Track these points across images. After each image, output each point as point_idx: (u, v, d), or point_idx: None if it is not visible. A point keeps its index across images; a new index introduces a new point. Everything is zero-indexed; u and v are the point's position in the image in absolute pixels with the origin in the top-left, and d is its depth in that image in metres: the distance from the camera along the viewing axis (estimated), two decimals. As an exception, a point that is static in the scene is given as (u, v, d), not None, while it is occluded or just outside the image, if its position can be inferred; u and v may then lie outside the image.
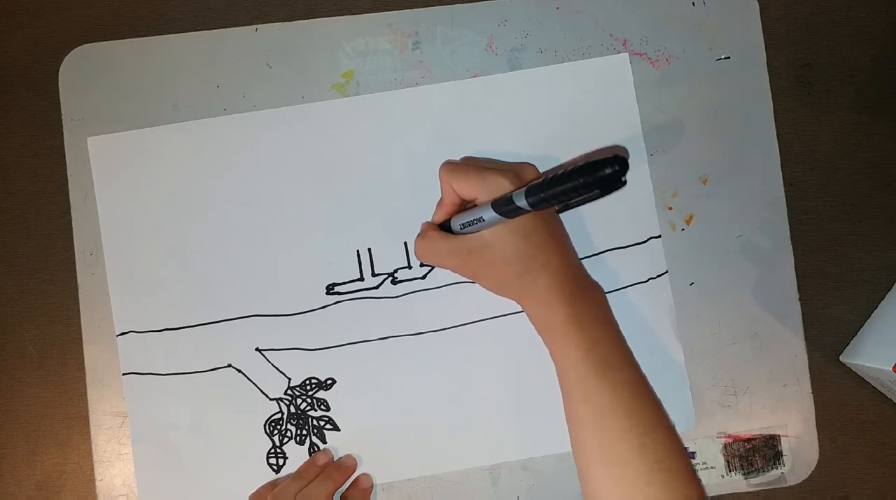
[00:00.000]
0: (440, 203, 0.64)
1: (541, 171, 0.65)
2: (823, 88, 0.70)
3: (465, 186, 0.61)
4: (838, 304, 0.69)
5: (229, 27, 0.68)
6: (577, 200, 0.54)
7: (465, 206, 0.63)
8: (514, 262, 0.59)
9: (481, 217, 0.59)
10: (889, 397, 0.68)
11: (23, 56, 0.69)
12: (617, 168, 0.50)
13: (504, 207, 0.57)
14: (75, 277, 0.68)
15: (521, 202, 0.55)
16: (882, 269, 0.69)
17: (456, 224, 0.62)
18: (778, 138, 0.69)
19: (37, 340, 0.68)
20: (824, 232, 0.69)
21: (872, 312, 0.69)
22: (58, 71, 0.68)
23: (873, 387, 0.68)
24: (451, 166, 0.63)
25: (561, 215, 0.64)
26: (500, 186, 0.59)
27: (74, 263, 0.68)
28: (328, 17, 0.69)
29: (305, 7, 0.69)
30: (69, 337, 0.68)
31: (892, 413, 0.69)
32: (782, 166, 0.69)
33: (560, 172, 0.53)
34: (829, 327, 0.69)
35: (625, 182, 0.51)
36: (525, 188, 0.55)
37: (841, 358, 0.68)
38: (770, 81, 0.69)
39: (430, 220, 0.66)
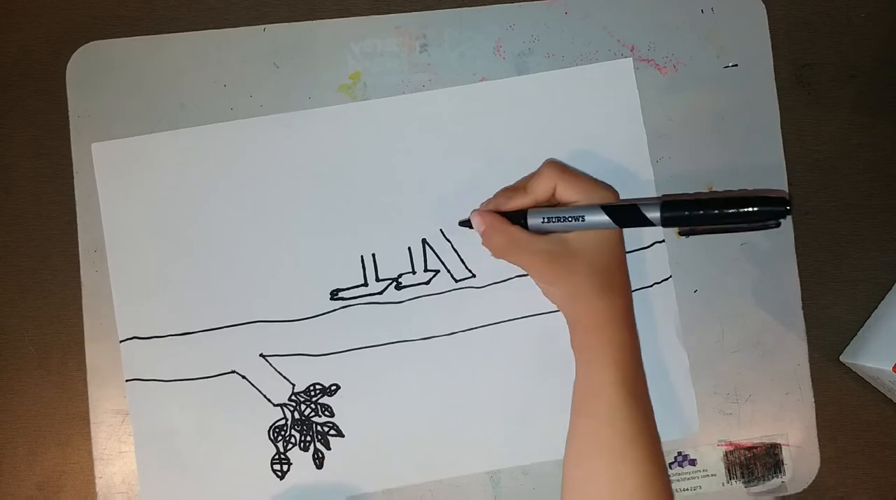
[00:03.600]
0: (521, 191, 0.62)
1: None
2: (823, 88, 0.69)
3: (571, 189, 0.60)
4: (838, 304, 0.69)
5: (234, 27, 0.68)
6: (714, 226, 0.55)
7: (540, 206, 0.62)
8: (596, 275, 0.58)
9: (582, 216, 0.58)
10: (889, 397, 0.68)
11: (24, 56, 0.68)
12: (788, 208, 0.52)
13: (625, 213, 0.57)
14: (76, 277, 0.67)
15: (653, 215, 0.55)
16: (882, 269, 0.69)
17: (539, 217, 0.60)
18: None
19: (37, 340, 0.68)
20: (824, 232, 0.69)
21: (872, 312, 0.69)
22: (60, 71, 0.67)
23: (873, 387, 0.68)
24: (561, 166, 0.62)
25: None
26: (606, 199, 0.59)
27: (76, 263, 0.67)
28: (332, 18, 0.68)
29: (306, 7, 0.68)
30: (69, 337, 0.67)
31: (892, 413, 0.69)
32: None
33: (709, 197, 0.54)
34: (829, 327, 0.69)
35: (779, 224, 0.53)
36: (660, 203, 0.55)
37: (841, 358, 0.68)
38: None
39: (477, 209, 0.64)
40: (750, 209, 0.53)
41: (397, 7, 0.68)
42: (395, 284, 0.67)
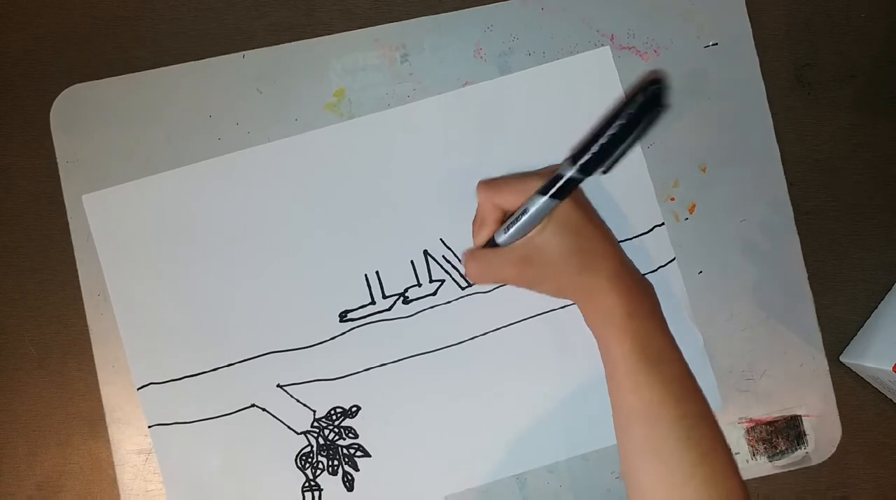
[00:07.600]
0: (480, 225, 0.63)
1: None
2: (823, 88, 0.69)
3: (508, 196, 0.60)
4: (838, 304, 0.69)
5: (213, 56, 0.68)
6: (623, 146, 0.54)
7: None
8: (572, 257, 0.58)
9: (526, 208, 0.58)
10: (889, 397, 0.68)
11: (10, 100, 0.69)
12: (658, 86, 0.50)
13: (553, 185, 0.56)
14: (76, 277, 0.68)
15: (571, 172, 0.55)
16: (882, 269, 0.69)
17: (500, 231, 0.60)
18: (778, 139, 0.69)
19: (37, 340, 0.68)
20: (824, 232, 0.69)
21: (872, 312, 0.69)
22: (45, 118, 0.68)
23: (873, 387, 0.69)
24: (488, 182, 0.62)
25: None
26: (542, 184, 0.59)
27: (76, 263, 0.68)
28: (309, 38, 0.68)
29: (284, 27, 0.68)
30: (69, 337, 0.68)
31: (892, 413, 0.69)
32: (783, 166, 0.69)
33: (600, 125, 0.53)
34: (829, 327, 0.69)
35: (668, 105, 0.52)
36: (569, 158, 0.55)
37: (841, 358, 0.68)
38: (770, 81, 0.69)
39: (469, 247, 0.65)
40: (632, 112, 0.52)
41: (373, 19, 0.68)
42: (402, 298, 0.67)
